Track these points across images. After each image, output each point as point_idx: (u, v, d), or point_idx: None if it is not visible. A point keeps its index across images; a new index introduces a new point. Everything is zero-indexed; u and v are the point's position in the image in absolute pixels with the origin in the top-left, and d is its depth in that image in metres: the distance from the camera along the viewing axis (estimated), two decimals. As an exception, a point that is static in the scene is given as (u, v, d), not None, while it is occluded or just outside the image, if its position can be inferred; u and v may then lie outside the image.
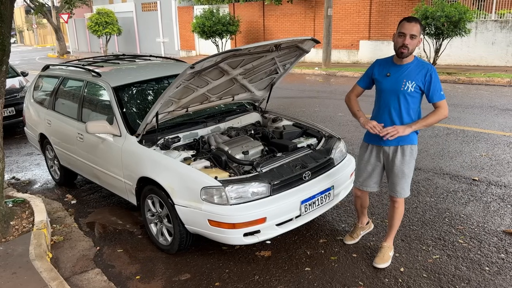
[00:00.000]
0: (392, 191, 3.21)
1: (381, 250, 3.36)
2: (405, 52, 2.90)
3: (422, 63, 2.99)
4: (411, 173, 3.14)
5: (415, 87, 2.94)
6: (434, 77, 2.92)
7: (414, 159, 3.12)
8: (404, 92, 2.97)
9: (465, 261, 3.31)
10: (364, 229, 3.68)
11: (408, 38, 2.86)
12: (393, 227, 3.33)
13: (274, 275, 3.26)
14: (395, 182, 3.14)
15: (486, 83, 10.89)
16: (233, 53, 3.25)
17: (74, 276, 3.38)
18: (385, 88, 3.07)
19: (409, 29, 2.86)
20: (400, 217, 3.30)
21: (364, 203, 3.53)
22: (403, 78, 2.97)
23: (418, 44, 2.93)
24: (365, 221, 3.68)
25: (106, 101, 4.18)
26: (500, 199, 4.33)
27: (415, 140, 3.09)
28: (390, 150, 3.10)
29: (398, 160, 3.08)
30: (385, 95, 3.07)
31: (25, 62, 24.77)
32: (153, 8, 24.12)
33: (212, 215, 3.14)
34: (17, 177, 5.84)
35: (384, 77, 3.07)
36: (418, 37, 2.89)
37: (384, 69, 3.10)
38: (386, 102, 3.07)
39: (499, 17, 13.30)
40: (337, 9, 16.12)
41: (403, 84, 2.96)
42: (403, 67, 2.99)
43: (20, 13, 49.12)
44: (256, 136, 4.12)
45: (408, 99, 2.98)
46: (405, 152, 3.07)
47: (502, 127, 6.80)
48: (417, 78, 2.94)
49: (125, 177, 3.86)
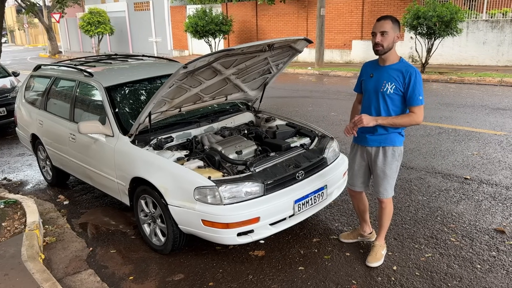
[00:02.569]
0: (375, 191, 3.26)
1: (373, 249, 3.38)
2: (380, 49, 2.91)
3: (405, 65, 2.97)
4: (393, 174, 3.16)
5: (394, 89, 2.95)
6: (414, 80, 2.89)
7: (398, 161, 3.13)
8: (383, 93, 2.99)
9: (457, 259, 3.34)
10: (364, 236, 3.62)
11: (379, 36, 2.89)
12: (383, 226, 3.36)
13: (267, 275, 3.27)
14: (377, 182, 3.20)
15: (478, 83, 10.97)
16: (226, 53, 3.25)
17: (67, 277, 3.36)
18: (368, 88, 3.10)
19: (379, 27, 2.89)
20: (389, 216, 3.33)
21: (362, 205, 3.51)
22: (383, 79, 3.00)
23: (395, 39, 2.91)
24: (367, 230, 3.60)
25: (98, 101, 4.16)
26: (491, 198, 4.37)
27: (397, 142, 3.09)
28: (373, 151, 3.14)
29: (380, 161, 3.11)
30: (368, 95, 3.11)
31: (16, 62, 24.57)
32: (146, 7, 24.03)
33: (205, 215, 3.13)
34: (9, 178, 5.79)
35: (368, 77, 3.12)
36: (392, 32, 2.88)
37: (369, 70, 3.15)
38: (368, 102, 3.11)
39: (490, 17, 13.42)
40: (330, 9, 16.18)
41: (382, 85, 2.99)
42: (385, 69, 3.01)
43: (11, 12, 48.71)
44: (250, 136, 4.12)
45: (387, 100, 3.00)
46: (387, 154, 3.09)
47: (493, 126, 6.87)
48: (396, 80, 2.94)
49: (117, 177, 3.85)
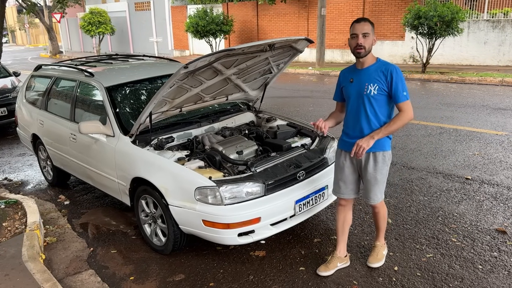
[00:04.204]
0: (366, 197, 3.15)
1: (374, 250, 3.35)
2: (362, 51, 2.85)
3: (383, 64, 2.92)
4: (384, 178, 3.08)
5: (378, 90, 2.87)
6: (396, 77, 2.83)
7: (388, 165, 3.06)
8: (367, 96, 2.90)
9: (458, 260, 3.33)
10: (343, 260, 3.31)
11: (361, 38, 2.83)
12: (380, 228, 3.30)
13: (268, 275, 3.26)
14: (368, 188, 3.09)
15: (479, 83, 10.95)
16: (227, 52, 3.25)
17: (67, 278, 3.36)
18: (350, 94, 3.01)
19: (360, 29, 2.83)
20: (384, 218, 3.26)
21: (348, 217, 3.30)
22: (365, 81, 2.91)
23: (374, 42, 2.88)
24: (343, 251, 3.32)
25: (99, 101, 4.16)
26: (492, 198, 4.36)
27: (387, 146, 3.03)
28: (363, 158, 3.03)
29: (371, 167, 3.01)
30: (351, 101, 3.01)
31: (17, 62, 24.58)
32: (146, 7, 24.03)
33: (206, 215, 3.13)
34: (10, 178, 5.79)
35: (349, 83, 3.02)
36: (372, 35, 2.85)
37: (348, 75, 3.05)
38: (353, 108, 3.00)
39: (491, 17, 13.40)
40: (331, 8, 16.16)
41: (365, 88, 2.90)
42: (364, 71, 2.94)
43: (12, 12, 48.76)
44: (250, 136, 4.12)
45: (373, 102, 2.90)
46: (377, 159, 3.00)
47: (494, 126, 6.85)
48: (378, 80, 2.87)
49: (118, 177, 3.84)
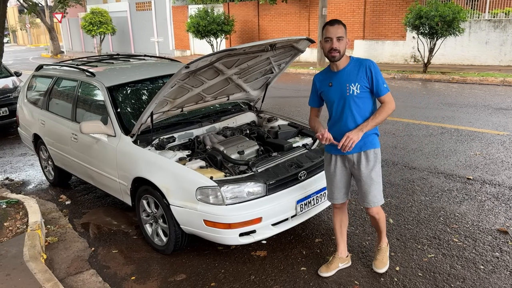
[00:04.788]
0: (364, 201, 3.01)
1: (379, 253, 3.24)
2: (337, 55, 2.80)
3: (358, 61, 2.87)
4: (379, 178, 2.98)
5: (360, 88, 2.82)
6: (374, 71, 2.81)
7: (379, 163, 2.98)
8: (351, 96, 2.83)
9: (460, 260, 3.33)
10: (344, 261, 3.29)
11: (335, 41, 2.77)
12: (381, 230, 3.21)
13: (270, 275, 3.26)
14: (366, 190, 2.97)
15: (480, 83, 10.94)
16: (228, 52, 3.24)
17: (68, 277, 3.36)
18: (332, 98, 2.93)
19: (334, 32, 2.77)
20: (383, 221, 3.16)
21: (345, 218, 3.28)
22: (345, 83, 2.85)
23: (347, 45, 2.83)
24: (344, 252, 3.31)
25: (100, 101, 4.16)
26: (494, 198, 4.35)
27: (377, 143, 2.97)
28: (354, 158, 2.95)
29: (363, 166, 2.93)
30: (335, 105, 2.93)
31: (18, 62, 24.60)
32: (148, 7, 24.04)
33: (207, 215, 3.13)
34: (11, 178, 5.80)
35: (328, 87, 2.95)
36: (345, 38, 2.81)
37: (325, 80, 2.98)
38: (337, 112, 2.92)
39: (492, 17, 13.38)
40: (332, 8, 16.15)
41: (347, 89, 2.84)
42: (342, 72, 2.87)
43: (13, 12, 48.80)
44: (252, 136, 4.12)
45: (358, 102, 2.84)
46: (369, 157, 2.92)
47: (496, 126, 6.84)
48: (358, 78, 2.82)
49: (119, 177, 3.84)
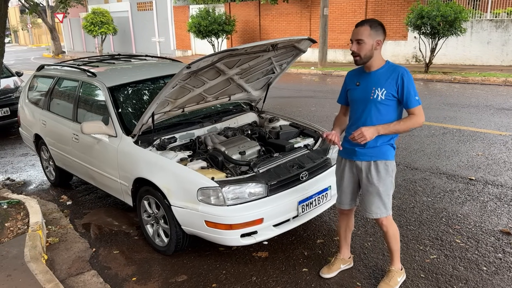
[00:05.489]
0: (366, 210, 2.87)
1: (388, 275, 3.02)
2: (357, 59, 2.67)
3: (393, 67, 2.69)
4: (388, 191, 2.81)
5: (386, 95, 2.65)
6: (407, 81, 2.62)
7: (392, 177, 2.81)
8: (374, 101, 2.68)
9: (462, 261, 3.31)
10: (346, 262, 3.24)
11: (354, 44, 2.65)
12: (392, 250, 2.99)
13: (271, 276, 3.25)
14: (369, 200, 2.83)
15: (482, 83, 10.91)
16: (230, 52, 3.23)
17: (69, 278, 3.35)
18: (355, 98, 2.81)
19: (355, 35, 2.64)
20: (395, 238, 2.94)
21: (350, 224, 3.19)
22: (372, 86, 2.69)
23: (375, 46, 2.64)
24: (347, 254, 3.25)
25: (101, 101, 4.15)
26: (496, 199, 4.33)
27: (390, 155, 2.78)
28: (363, 166, 2.80)
29: (372, 177, 2.77)
30: (356, 106, 2.81)
31: (20, 62, 24.63)
32: (149, 7, 24.03)
33: (209, 216, 3.12)
34: (12, 178, 5.79)
35: (355, 86, 2.82)
36: (370, 40, 2.61)
37: (354, 78, 2.85)
38: (357, 113, 2.81)
39: (494, 17, 13.34)
40: (333, 8, 16.12)
41: (372, 93, 2.68)
42: (372, 74, 2.72)
43: (15, 12, 48.84)
44: (253, 136, 4.10)
45: (380, 108, 2.69)
46: (379, 169, 2.76)
47: (498, 127, 6.82)
48: (387, 84, 2.65)
49: (121, 178, 3.83)
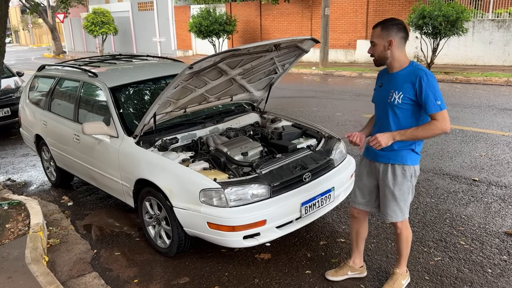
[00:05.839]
0: (382, 213, 2.84)
1: (392, 277, 2.98)
2: (374, 61, 2.67)
3: (414, 69, 2.57)
4: (404, 196, 2.75)
5: (403, 98, 2.56)
6: (425, 84, 2.49)
7: (410, 182, 2.72)
8: (391, 104, 2.61)
9: (467, 263, 3.28)
10: (355, 270, 3.15)
11: (370, 46, 2.65)
12: (401, 254, 2.95)
13: (274, 278, 3.22)
14: (385, 203, 2.80)
15: (484, 83, 10.88)
16: (232, 53, 3.21)
17: (71, 280, 3.33)
18: (376, 100, 2.80)
19: (371, 36, 2.64)
20: (406, 242, 2.90)
21: (362, 230, 3.10)
22: (390, 88, 2.64)
23: (387, 47, 2.57)
24: (358, 262, 3.16)
25: (102, 102, 4.12)
26: (501, 200, 4.29)
27: (409, 160, 2.68)
28: (381, 168, 2.76)
29: (388, 180, 2.72)
30: (377, 108, 2.79)
31: (20, 62, 24.63)
32: (150, 7, 24.01)
33: (211, 218, 3.09)
34: (13, 179, 5.77)
35: (378, 87, 2.78)
36: (380, 41, 2.58)
37: (379, 79, 2.81)
38: (378, 114, 2.79)
39: (496, 17, 13.30)
40: (334, 8, 16.09)
41: (390, 95, 2.62)
42: (393, 76, 2.65)
43: (16, 12, 48.84)
44: (255, 137, 4.07)
45: (397, 112, 2.61)
46: (396, 173, 2.69)
47: (501, 127, 6.78)
48: (404, 87, 2.55)
49: (122, 178, 3.81)
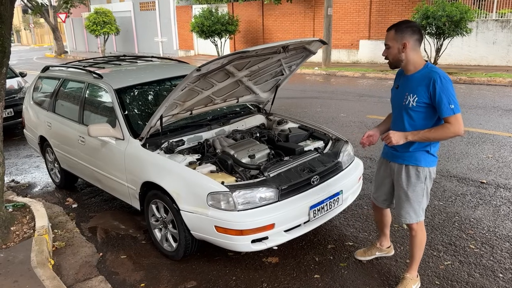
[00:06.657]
0: (396, 214, 2.91)
1: (402, 282, 2.98)
2: (389, 63, 2.70)
3: (429, 71, 2.57)
4: (418, 198, 2.77)
5: (417, 102, 2.57)
6: (439, 87, 2.48)
7: (424, 184, 2.74)
8: (406, 107, 2.64)
9: (478, 268, 3.24)
10: (382, 251, 3.37)
11: (385, 49, 2.67)
12: (413, 257, 2.96)
13: (282, 283, 3.18)
14: (399, 204, 2.85)
15: (488, 83, 10.83)
16: (240, 55, 3.17)
17: (77, 284, 3.30)
18: (392, 102, 2.84)
19: (385, 39, 2.66)
20: (420, 245, 2.91)
21: (383, 218, 3.25)
22: (405, 91, 2.66)
23: (401, 50, 2.58)
24: (385, 244, 3.37)
25: (108, 104, 4.09)
26: (510, 203, 4.25)
27: (423, 161, 2.70)
28: (396, 168, 2.82)
29: (402, 181, 2.77)
30: (393, 109, 2.83)
31: (22, 62, 24.63)
32: (151, 7, 23.99)
33: (219, 221, 3.05)
34: (17, 180, 5.74)
35: (394, 89, 2.82)
36: (394, 44, 2.59)
37: (396, 80, 2.84)
38: (394, 116, 2.83)
39: (500, 17, 13.24)
40: (337, 8, 16.04)
41: (405, 98, 2.65)
42: (408, 78, 2.67)
43: (17, 12, 48.84)
44: (262, 139, 4.04)
45: (412, 115, 2.63)
46: (410, 174, 2.73)
47: (507, 128, 6.73)
48: (418, 90, 2.56)
49: (128, 181, 3.77)
